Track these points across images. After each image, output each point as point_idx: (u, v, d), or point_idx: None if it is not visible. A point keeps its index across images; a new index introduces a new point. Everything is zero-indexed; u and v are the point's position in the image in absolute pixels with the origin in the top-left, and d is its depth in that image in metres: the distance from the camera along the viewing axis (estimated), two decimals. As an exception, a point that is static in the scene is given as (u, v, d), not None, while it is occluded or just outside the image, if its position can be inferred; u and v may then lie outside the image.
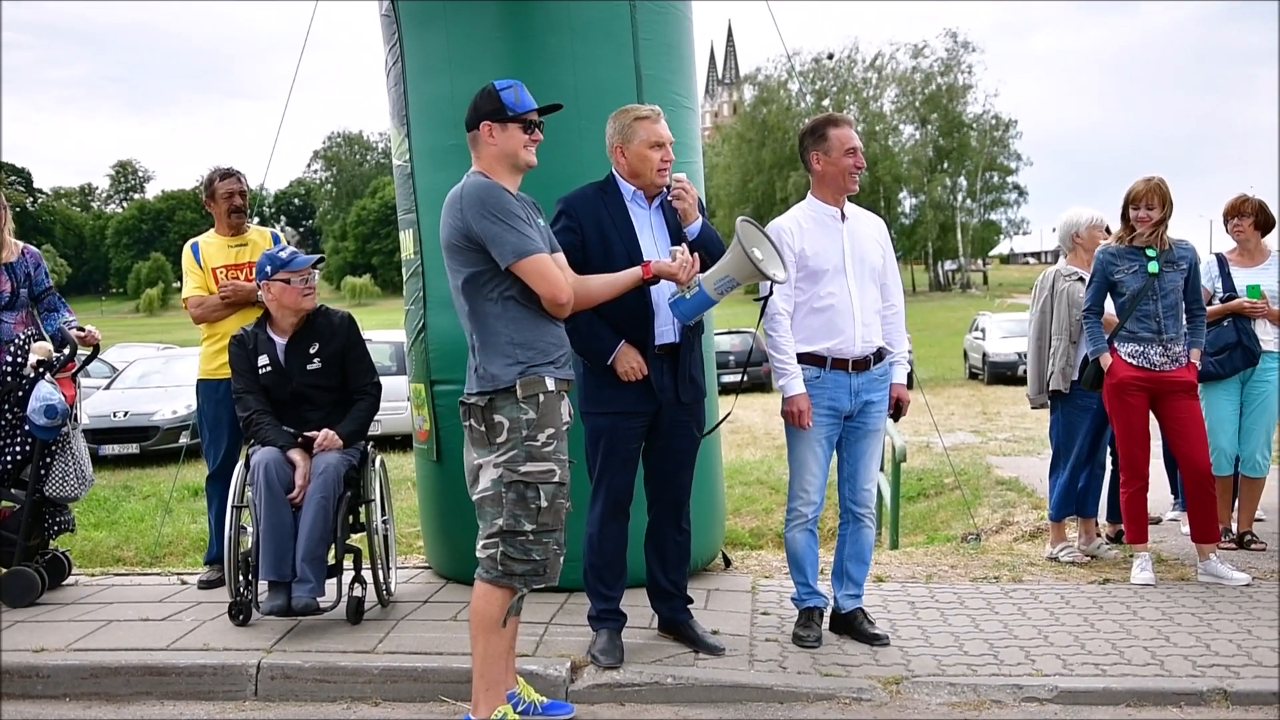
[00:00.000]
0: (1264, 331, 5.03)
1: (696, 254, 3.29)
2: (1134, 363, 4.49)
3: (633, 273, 3.21)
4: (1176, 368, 4.50)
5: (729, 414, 4.10)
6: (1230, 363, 4.97)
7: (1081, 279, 5.01)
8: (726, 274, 3.24)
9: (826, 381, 3.69)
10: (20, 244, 4.56)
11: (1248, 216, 5.11)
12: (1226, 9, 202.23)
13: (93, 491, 6.05)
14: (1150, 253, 4.49)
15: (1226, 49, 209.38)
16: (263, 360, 4.11)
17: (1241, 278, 5.06)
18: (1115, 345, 4.54)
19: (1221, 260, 5.13)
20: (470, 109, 3.08)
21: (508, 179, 3.05)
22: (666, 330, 3.50)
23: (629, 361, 3.45)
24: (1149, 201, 4.48)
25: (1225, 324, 4.99)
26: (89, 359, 4.74)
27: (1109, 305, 4.65)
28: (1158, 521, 5.54)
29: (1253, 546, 5.11)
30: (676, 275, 3.21)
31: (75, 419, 4.47)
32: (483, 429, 2.98)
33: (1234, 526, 5.27)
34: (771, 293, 3.61)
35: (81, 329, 4.54)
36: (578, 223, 3.47)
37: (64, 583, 4.62)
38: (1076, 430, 4.96)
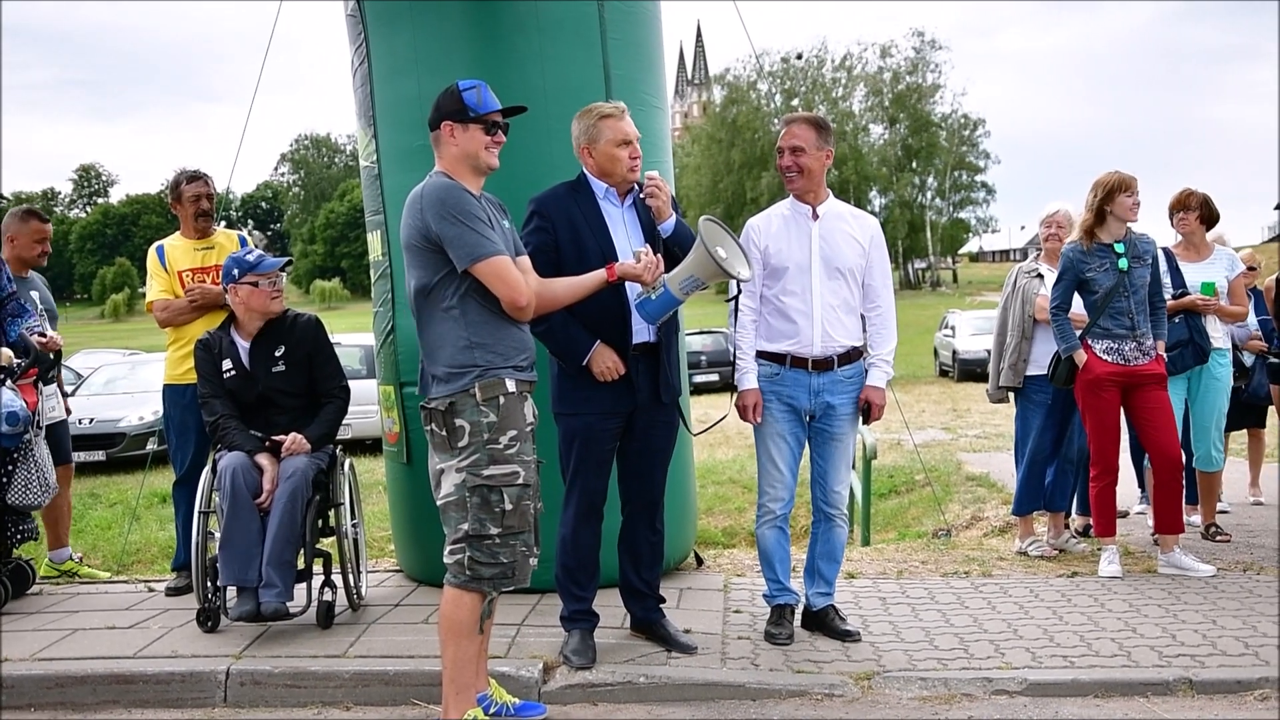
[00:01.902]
0: (1213, 328, 5.08)
1: (660, 255, 3.29)
2: (1109, 359, 4.52)
3: (597, 275, 3.20)
4: (1148, 360, 4.54)
5: (725, 415, 4.05)
6: (1181, 360, 4.97)
7: (1040, 275, 5.06)
8: (691, 274, 3.23)
9: (785, 379, 3.70)
10: (-21, 250, 4.49)
11: (1193, 210, 5.14)
12: (1186, 9, 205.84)
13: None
14: (1119, 249, 4.52)
15: (1187, 47, 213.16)
16: (227, 364, 4.06)
17: (1189, 272, 5.07)
18: (1089, 342, 4.55)
19: (1169, 255, 5.10)
20: (433, 108, 3.05)
21: (470, 180, 3.02)
22: (642, 329, 3.48)
23: (604, 361, 3.42)
24: (1136, 190, 4.44)
25: (1177, 321, 4.97)
26: (51, 365, 4.66)
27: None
28: (1125, 515, 5.61)
29: (1218, 538, 5.19)
30: (641, 277, 3.20)
31: (38, 426, 4.39)
32: (444, 433, 2.94)
33: (1196, 519, 5.35)
34: (740, 292, 3.62)
35: (43, 335, 4.47)
36: (550, 223, 3.45)
37: (28, 592, 4.54)
38: (1030, 425, 5.01)
